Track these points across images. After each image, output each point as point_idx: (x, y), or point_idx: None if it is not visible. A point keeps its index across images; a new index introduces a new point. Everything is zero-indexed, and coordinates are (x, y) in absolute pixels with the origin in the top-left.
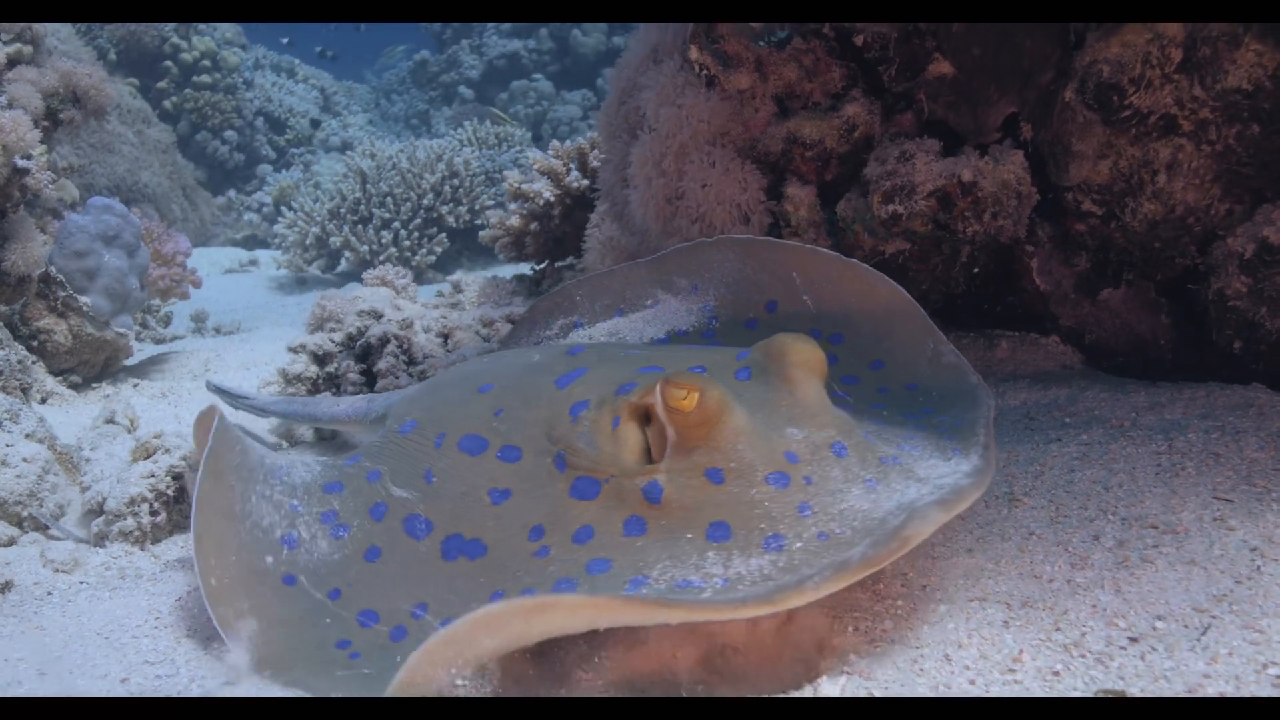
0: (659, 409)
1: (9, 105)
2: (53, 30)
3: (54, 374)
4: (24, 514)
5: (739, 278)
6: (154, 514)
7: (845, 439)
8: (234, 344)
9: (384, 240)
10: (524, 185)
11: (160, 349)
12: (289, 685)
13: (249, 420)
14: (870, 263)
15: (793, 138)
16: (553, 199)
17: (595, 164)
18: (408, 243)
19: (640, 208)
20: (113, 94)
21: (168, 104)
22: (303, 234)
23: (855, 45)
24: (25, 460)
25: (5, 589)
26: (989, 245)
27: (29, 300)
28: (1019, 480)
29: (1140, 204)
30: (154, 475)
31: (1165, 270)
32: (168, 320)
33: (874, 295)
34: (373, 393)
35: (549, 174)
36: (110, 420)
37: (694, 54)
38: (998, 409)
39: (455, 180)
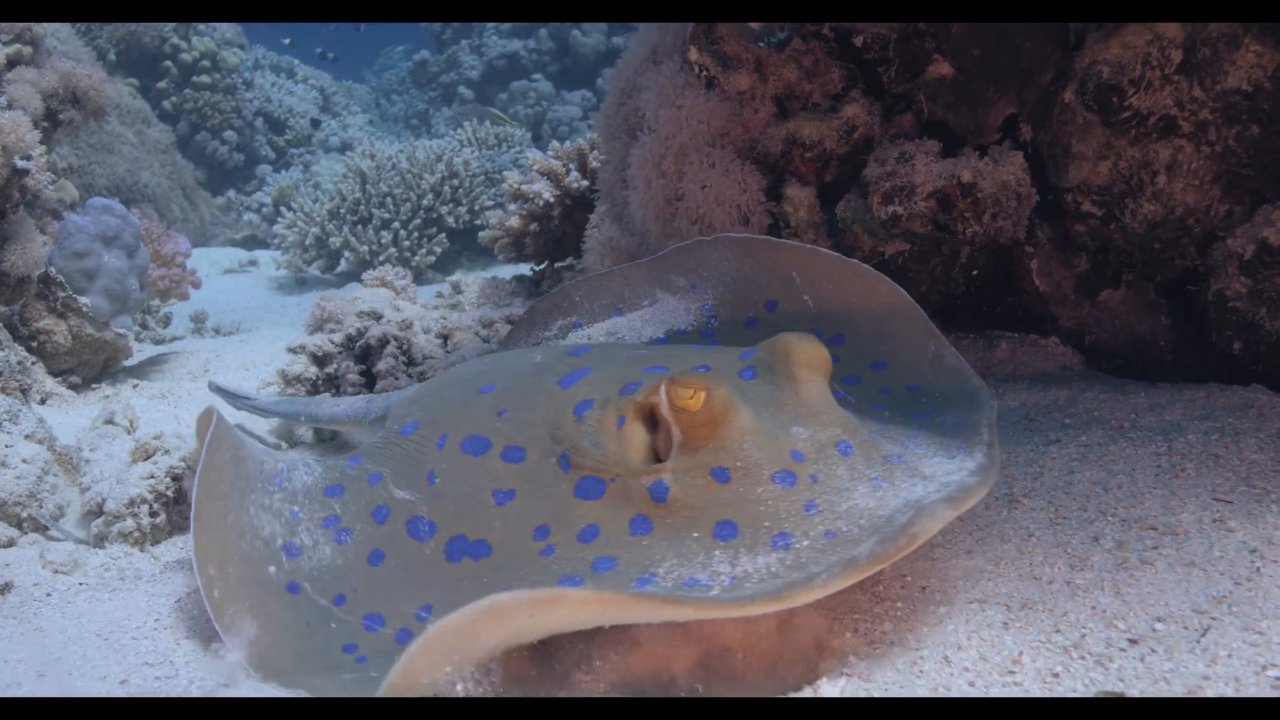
0: (664, 408)
1: (8, 106)
2: (52, 30)
3: (53, 375)
4: (23, 515)
5: (737, 276)
6: (153, 515)
7: (850, 438)
8: (233, 345)
9: (383, 241)
10: (524, 186)
11: (160, 349)
12: (294, 689)
13: (250, 420)
14: (870, 264)
15: (792, 139)
16: (552, 200)
17: (595, 165)
18: (407, 243)
19: (640, 209)
20: (112, 94)
21: (167, 104)
22: (302, 234)
23: (855, 46)
24: (25, 461)
25: (4, 590)
26: (988, 246)
27: (28, 301)
28: (1018, 481)
29: (1140, 205)
30: (153, 476)
31: (1165, 271)
32: (167, 321)
33: (875, 296)
34: (372, 394)
35: (549, 175)
36: (110, 421)
37: (694, 55)
38: (997, 410)
39: (455, 181)
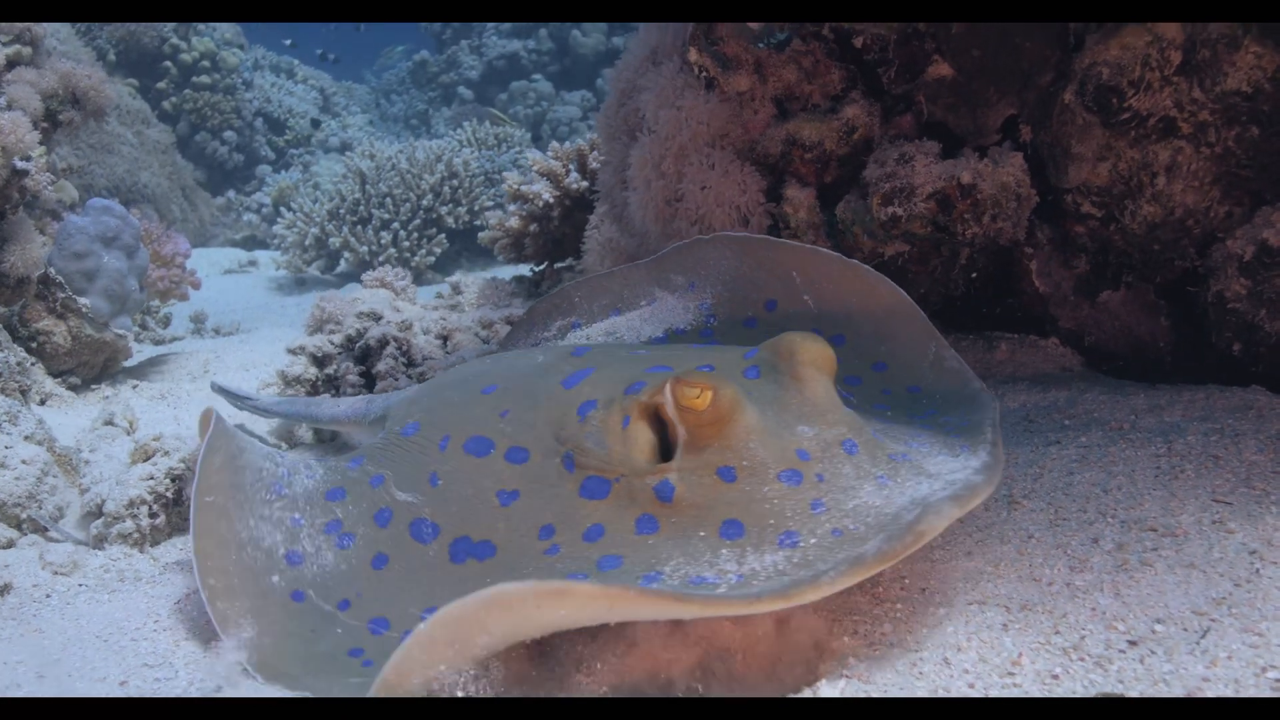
0: (670, 408)
1: (8, 107)
2: (52, 31)
3: (53, 375)
4: (23, 516)
5: (736, 276)
6: (153, 516)
7: (856, 436)
8: (233, 345)
9: (383, 241)
10: (523, 186)
11: (159, 350)
12: (300, 693)
13: (251, 420)
14: (869, 265)
15: (792, 140)
16: (552, 200)
17: (595, 165)
18: (407, 244)
19: (639, 209)
20: (112, 95)
21: (167, 105)
22: (302, 235)
23: (855, 47)
24: (24, 462)
25: (4, 591)
26: (988, 247)
27: (28, 302)
28: (1018, 483)
29: (1139, 206)
30: (153, 477)
31: (1164, 272)
32: (167, 321)
33: (875, 296)
34: (372, 394)
35: (548, 175)
36: (109, 422)
37: (693, 56)
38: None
39: (454, 181)
